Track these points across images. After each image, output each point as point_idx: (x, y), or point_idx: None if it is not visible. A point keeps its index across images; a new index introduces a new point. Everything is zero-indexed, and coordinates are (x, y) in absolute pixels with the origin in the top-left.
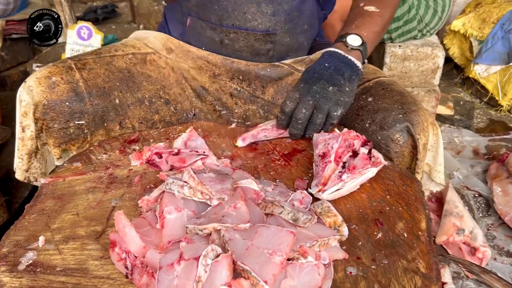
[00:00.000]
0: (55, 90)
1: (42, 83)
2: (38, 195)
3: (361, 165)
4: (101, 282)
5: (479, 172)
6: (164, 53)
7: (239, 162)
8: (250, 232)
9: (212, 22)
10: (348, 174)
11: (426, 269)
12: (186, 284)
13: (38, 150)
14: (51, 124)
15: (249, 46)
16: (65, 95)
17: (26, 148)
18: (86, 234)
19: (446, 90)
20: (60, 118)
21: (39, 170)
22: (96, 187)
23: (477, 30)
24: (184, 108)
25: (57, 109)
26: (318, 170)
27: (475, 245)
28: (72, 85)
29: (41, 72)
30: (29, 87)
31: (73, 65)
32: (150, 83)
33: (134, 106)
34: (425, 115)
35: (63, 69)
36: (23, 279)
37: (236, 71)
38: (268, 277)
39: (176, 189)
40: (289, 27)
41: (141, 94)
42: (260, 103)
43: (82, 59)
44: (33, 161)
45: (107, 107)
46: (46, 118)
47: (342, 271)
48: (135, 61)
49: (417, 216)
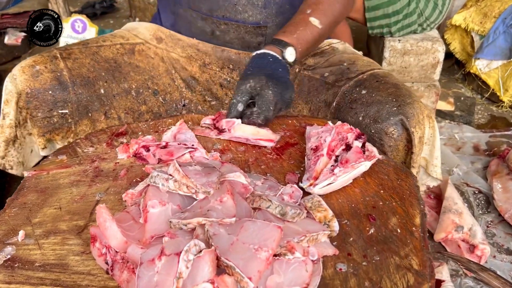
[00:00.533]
0: (38, 79)
1: (25, 72)
2: (21, 189)
3: (354, 158)
4: (81, 278)
5: (479, 168)
6: (154, 42)
7: (229, 155)
8: (236, 226)
9: (203, 12)
10: (341, 168)
11: (419, 266)
12: (167, 280)
13: (17, 139)
14: (35, 113)
15: (240, 39)
16: (48, 83)
17: (4, 135)
18: (68, 229)
19: (447, 86)
20: (44, 106)
21: (15, 159)
22: (81, 180)
23: (478, 25)
24: (173, 99)
25: (40, 98)
26: (310, 164)
27: (474, 243)
28: (55, 74)
29: (26, 61)
30: (13, 76)
31: (58, 55)
32: (138, 73)
33: (120, 96)
34: (421, 107)
35: (48, 58)
36: (0, 275)
37: (226, 59)
38: (253, 274)
39: (160, 183)
40: (280, 20)
41: (128, 84)
42: None
43: (68, 49)
44: (10, 149)
45: (91, 97)
46: (29, 106)
47: (332, 267)
48: (123, 51)
49: (411, 212)
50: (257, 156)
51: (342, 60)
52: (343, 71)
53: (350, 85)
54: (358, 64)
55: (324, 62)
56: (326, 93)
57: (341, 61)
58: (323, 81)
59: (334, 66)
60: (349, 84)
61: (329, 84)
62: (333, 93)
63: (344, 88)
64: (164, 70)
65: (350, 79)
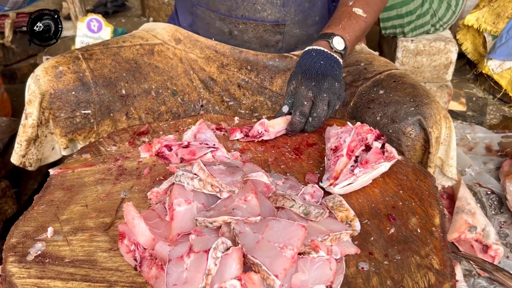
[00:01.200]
0: (61, 80)
1: (49, 73)
2: (47, 186)
3: (374, 159)
4: (110, 274)
5: (492, 169)
6: (173, 43)
7: (249, 155)
8: (261, 225)
9: (221, 12)
10: (361, 168)
11: (440, 265)
12: (196, 276)
13: (38, 137)
14: (58, 113)
15: (258, 37)
16: (72, 84)
17: (26, 135)
18: (95, 226)
19: (459, 86)
20: (67, 107)
21: (35, 156)
22: (105, 178)
23: (491, 25)
24: (191, 99)
25: (63, 98)
26: (330, 164)
27: (487, 243)
28: (78, 75)
29: (49, 62)
30: (36, 77)
31: (80, 55)
32: (157, 74)
33: (141, 96)
34: (438, 108)
35: (70, 59)
36: (32, 270)
37: (244, 61)
38: (279, 271)
39: (186, 181)
40: (300, 18)
41: (148, 85)
42: (267, 94)
43: (89, 50)
44: (31, 147)
45: (113, 97)
46: (53, 107)
47: (354, 266)
48: (143, 52)
49: (430, 212)
50: (276, 155)
51: (359, 60)
52: (360, 71)
53: (367, 85)
54: (375, 64)
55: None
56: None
57: (358, 61)
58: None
59: (351, 66)
60: (367, 84)
61: (347, 84)
62: (350, 93)
63: (361, 88)
64: (182, 70)
65: (367, 79)
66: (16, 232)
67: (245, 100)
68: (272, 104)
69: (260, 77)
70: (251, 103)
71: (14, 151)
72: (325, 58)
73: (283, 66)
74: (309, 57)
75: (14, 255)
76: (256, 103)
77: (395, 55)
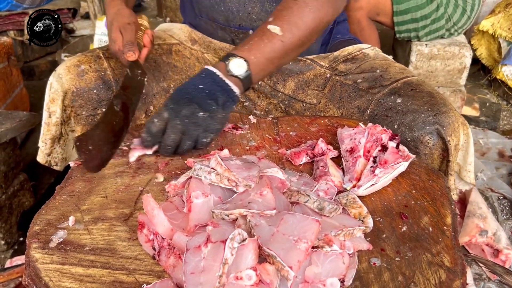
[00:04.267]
0: (83, 78)
1: (71, 71)
2: (68, 177)
3: (393, 159)
4: (129, 262)
5: (504, 174)
6: (189, 44)
7: (264, 152)
8: (276, 218)
9: (221, 23)
10: (381, 168)
11: (451, 263)
12: (213, 266)
13: (62, 136)
14: (80, 111)
15: None
16: (93, 82)
17: (51, 133)
18: (115, 216)
19: (472, 91)
20: (88, 105)
21: (60, 155)
22: (124, 171)
23: (506, 31)
24: None
25: (85, 96)
26: (349, 166)
27: (499, 247)
28: (100, 73)
29: (71, 60)
30: (59, 75)
31: (101, 54)
32: (176, 73)
33: (160, 95)
34: (456, 115)
35: (92, 58)
36: (54, 256)
37: None
38: (293, 263)
39: (203, 175)
40: None
41: (167, 83)
42: (280, 98)
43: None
44: (55, 146)
45: None
46: (74, 105)
47: (366, 261)
48: (161, 51)
49: (442, 211)
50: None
51: (375, 67)
52: (376, 78)
53: (384, 92)
54: (391, 71)
55: (356, 68)
56: (360, 100)
57: (373, 68)
58: (356, 87)
59: (367, 72)
60: (384, 92)
61: (363, 90)
62: (367, 100)
63: (378, 96)
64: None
65: (384, 87)
66: (39, 220)
67: (259, 102)
68: (285, 107)
69: (273, 79)
70: (265, 105)
71: (40, 150)
72: (210, 82)
73: (296, 69)
74: (197, 77)
75: (37, 242)
76: (270, 106)
77: (409, 59)
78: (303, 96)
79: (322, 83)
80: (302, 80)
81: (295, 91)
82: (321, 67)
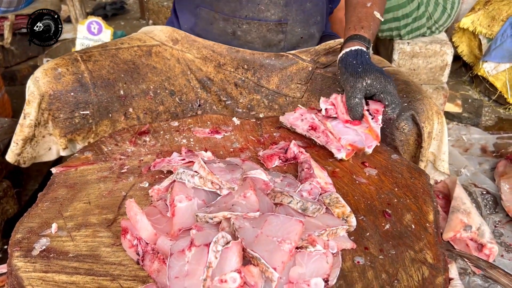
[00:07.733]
0: (60, 81)
1: (48, 74)
2: (51, 184)
3: (380, 107)
4: (113, 268)
5: (487, 169)
6: (170, 44)
7: (248, 154)
8: (260, 220)
9: (225, 13)
10: (378, 115)
11: (433, 259)
12: (197, 269)
13: (34, 137)
14: (57, 114)
15: (261, 37)
16: (70, 85)
17: (23, 134)
18: (98, 222)
19: (455, 88)
20: (66, 108)
21: (29, 155)
22: (108, 176)
23: (486, 28)
24: (189, 99)
25: (62, 99)
26: (325, 139)
27: (482, 242)
28: (77, 76)
29: (48, 64)
30: (36, 78)
31: (79, 57)
32: (155, 75)
33: (139, 97)
34: (430, 103)
35: (69, 61)
36: (37, 264)
37: (241, 60)
38: (277, 264)
39: (186, 179)
40: (301, 18)
41: (146, 85)
42: (264, 93)
43: (88, 52)
44: (27, 146)
45: (111, 98)
46: (52, 108)
47: (350, 260)
48: (141, 53)
49: (425, 209)
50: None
51: None
52: None
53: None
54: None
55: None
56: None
57: None
58: (336, 79)
59: None
60: None
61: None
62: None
63: None
64: (180, 71)
65: None
66: (21, 228)
67: (242, 99)
68: (269, 102)
69: (256, 75)
70: (248, 101)
71: (10, 149)
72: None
73: (279, 64)
74: (367, 58)
75: (19, 250)
76: (253, 102)
77: (392, 58)
78: (287, 91)
79: (305, 77)
80: (286, 74)
81: (279, 86)
82: (303, 61)
